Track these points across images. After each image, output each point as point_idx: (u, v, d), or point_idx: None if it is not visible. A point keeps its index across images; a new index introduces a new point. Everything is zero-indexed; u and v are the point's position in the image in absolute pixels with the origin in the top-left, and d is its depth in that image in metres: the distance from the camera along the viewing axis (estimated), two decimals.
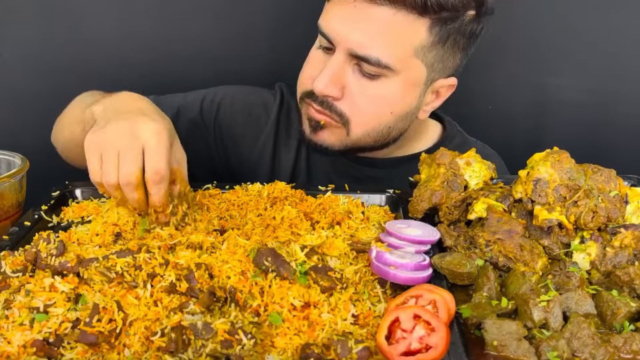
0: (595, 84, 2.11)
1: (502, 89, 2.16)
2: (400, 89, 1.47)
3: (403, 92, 1.49)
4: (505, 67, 2.13)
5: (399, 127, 1.57)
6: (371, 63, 1.41)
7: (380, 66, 1.41)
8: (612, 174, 1.25)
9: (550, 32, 2.08)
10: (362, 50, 1.40)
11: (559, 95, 2.15)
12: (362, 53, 1.40)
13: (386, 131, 1.55)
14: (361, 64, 1.43)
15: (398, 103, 1.50)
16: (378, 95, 1.47)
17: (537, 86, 2.15)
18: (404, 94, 1.49)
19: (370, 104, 1.48)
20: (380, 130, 1.54)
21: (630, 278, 1.09)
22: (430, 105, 1.60)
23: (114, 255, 1.11)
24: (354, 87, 1.46)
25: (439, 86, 1.56)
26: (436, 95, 1.59)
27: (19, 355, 0.94)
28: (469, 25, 1.45)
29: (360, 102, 1.47)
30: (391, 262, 1.11)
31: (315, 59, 1.52)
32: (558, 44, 2.08)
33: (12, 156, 1.56)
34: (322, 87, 1.44)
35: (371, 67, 1.42)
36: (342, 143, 1.56)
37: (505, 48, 2.11)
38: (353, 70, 1.46)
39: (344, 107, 1.49)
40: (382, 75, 1.44)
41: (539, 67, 2.12)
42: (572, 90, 2.12)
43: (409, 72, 1.45)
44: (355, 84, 1.46)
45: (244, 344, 0.94)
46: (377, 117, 1.51)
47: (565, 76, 2.12)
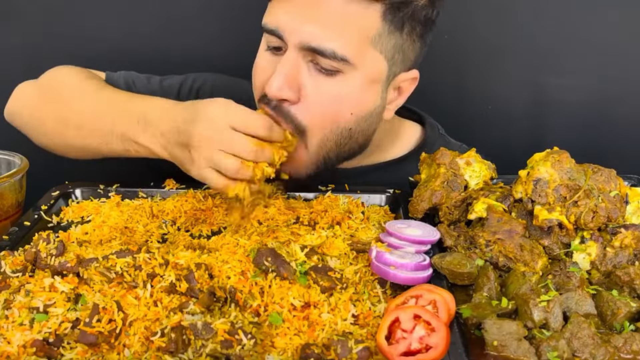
0: (595, 84, 2.11)
1: (502, 89, 2.16)
2: (359, 85, 1.36)
3: (363, 89, 1.38)
4: (505, 67, 2.13)
5: (361, 128, 1.44)
6: (326, 56, 1.30)
7: (336, 59, 1.31)
8: (612, 174, 1.25)
9: (550, 32, 2.07)
10: (315, 42, 1.30)
11: (559, 95, 2.14)
12: (316, 45, 1.30)
13: (347, 134, 1.42)
14: (317, 58, 1.32)
15: (358, 102, 1.39)
16: (336, 94, 1.35)
17: (537, 86, 2.15)
18: (364, 92, 1.38)
19: (329, 104, 1.36)
20: (340, 132, 1.40)
21: (631, 278, 1.09)
22: (394, 104, 1.49)
23: (113, 255, 1.11)
24: (310, 86, 1.34)
25: (400, 81, 1.45)
26: (398, 91, 1.48)
27: (19, 355, 0.94)
28: (423, 10, 1.37)
29: (317, 102, 1.35)
30: (391, 262, 1.11)
31: (264, 63, 1.40)
32: (558, 44, 2.08)
33: (12, 156, 1.56)
34: (276, 89, 1.32)
35: (327, 61, 1.31)
36: (307, 166, 1.43)
37: (504, 48, 2.11)
38: (308, 67, 1.34)
39: (299, 112, 1.35)
40: (339, 71, 1.33)
41: (539, 67, 2.12)
42: (572, 90, 2.12)
43: (368, 66, 1.35)
44: (312, 83, 1.34)
45: (244, 344, 0.94)
46: (336, 118, 1.38)
47: (565, 76, 2.12)
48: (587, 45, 2.07)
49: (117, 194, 1.48)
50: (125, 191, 1.49)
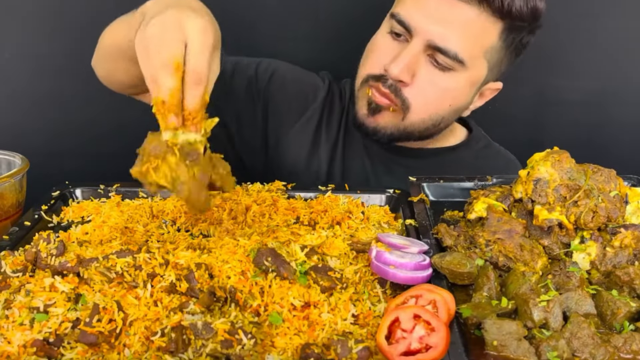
0: (595, 84, 2.11)
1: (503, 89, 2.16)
2: (464, 84, 1.58)
3: (465, 88, 1.60)
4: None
5: (449, 119, 1.67)
6: (448, 56, 1.50)
7: (455, 60, 1.51)
8: (612, 174, 1.25)
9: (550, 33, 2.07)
10: (442, 43, 1.49)
11: (559, 95, 2.15)
12: (443, 45, 1.49)
13: (438, 121, 1.64)
14: (436, 55, 1.52)
15: (458, 97, 1.61)
16: (445, 87, 1.56)
17: (537, 86, 2.15)
18: (465, 90, 1.60)
19: (436, 94, 1.57)
20: (434, 119, 1.62)
21: (630, 278, 1.09)
22: (474, 105, 1.71)
23: (114, 255, 1.10)
24: (424, 76, 1.54)
25: (486, 88, 1.67)
26: (480, 95, 1.69)
27: (19, 355, 0.94)
28: (527, 36, 1.60)
29: (427, 91, 1.56)
30: (391, 261, 1.11)
31: (384, 45, 1.59)
32: (558, 44, 2.08)
33: (12, 156, 1.56)
34: (398, 71, 1.51)
35: (446, 59, 1.51)
36: (394, 127, 1.63)
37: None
38: (425, 60, 1.54)
39: (410, 93, 1.56)
40: (452, 69, 1.53)
41: (539, 67, 2.12)
42: (572, 90, 2.13)
43: (474, 70, 1.56)
44: (426, 74, 1.54)
45: (244, 344, 0.94)
46: (437, 107, 1.60)
47: (565, 76, 2.12)
48: (588, 45, 2.07)
49: (117, 194, 1.48)
50: (125, 191, 1.49)
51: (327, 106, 1.83)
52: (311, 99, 1.83)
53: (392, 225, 1.39)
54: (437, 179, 1.51)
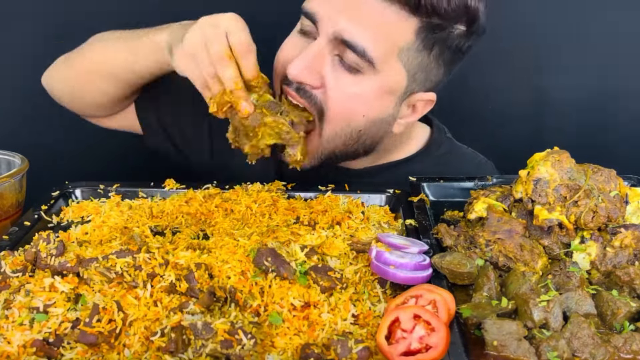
0: (595, 84, 2.12)
1: (502, 89, 2.17)
2: (376, 90, 1.40)
3: (379, 95, 1.41)
4: (505, 67, 2.14)
5: (370, 133, 1.48)
6: (356, 52, 1.34)
7: (364, 58, 1.34)
8: (612, 174, 1.25)
9: (550, 32, 2.08)
10: (349, 36, 1.33)
11: (559, 95, 2.15)
12: (349, 38, 1.33)
13: (356, 135, 1.46)
14: (344, 53, 1.36)
15: (372, 106, 1.42)
16: (353, 92, 1.39)
17: (537, 86, 2.16)
18: (379, 97, 1.42)
19: (345, 101, 1.40)
20: (350, 132, 1.45)
21: (630, 278, 1.09)
22: (405, 120, 1.52)
23: (113, 255, 1.10)
24: (331, 78, 1.38)
25: (416, 99, 1.49)
26: (412, 109, 1.52)
27: (19, 355, 0.94)
28: (457, 39, 1.40)
29: (335, 96, 1.39)
30: (391, 261, 1.11)
31: (292, 43, 1.45)
32: (558, 44, 2.09)
33: (12, 156, 1.56)
34: (297, 71, 1.36)
35: (354, 58, 1.35)
36: (314, 154, 1.47)
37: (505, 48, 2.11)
38: (332, 60, 1.38)
39: (322, 96, 1.40)
40: (361, 72, 1.37)
41: (539, 67, 2.12)
42: (572, 90, 2.13)
43: (389, 74, 1.39)
44: (333, 76, 1.38)
45: (244, 344, 0.94)
46: (349, 117, 1.42)
47: (565, 76, 2.12)
48: (587, 45, 2.07)
49: (117, 194, 1.48)
50: (125, 191, 1.49)
51: None
52: None
53: (392, 225, 1.39)
54: (437, 179, 1.51)
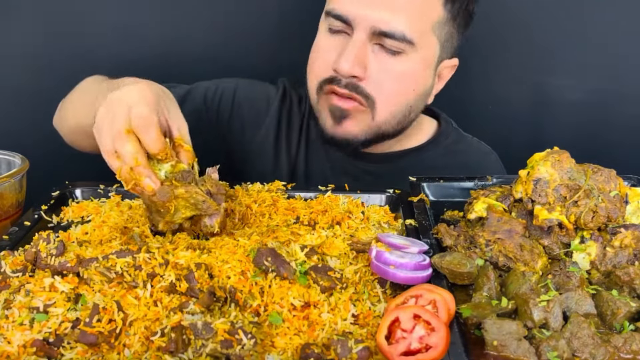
0: (595, 84, 2.11)
1: (502, 89, 2.16)
2: (420, 65, 1.50)
3: (422, 69, 1.52)
4: (505, 67, 2.13)
5: (417, 106, 1.59)
6: (396, 38, 1.43)
7: (404, 41, 1.43)
8: (612, 174, 1.25)
9: (550, 32, 2.08)
10: (387, 27, 1.42)
11: (559, 95, 2.15)
12: (388, 29, 1.42)
13: (407, 111, 1.56)
14: (383, 40, 1.44)
15: (419, 80, 1.53)
16: (401, 72, 1.49)
17: (537, 86, 2.15)
18: (423, 71, 1.52)
19: (394, 81, 1.49)
20: (403, 110, 1.55)
21: (630, 278, 1.09)
22: (435, 88, 1.63)
23: (113, 255, 1.10)
24: (376, 65, 1.46)
25: (443, 67, 1.59)
26: (438, 77, 1.61)
27: (19, 355, 0.94)
28: (471, 4, 1.54)
29: (384, 80, 1.48)
30: (391, 261, 1.11)
31: (328, 45, 1.51)
32: (558, 44, 2.08)
33: (12, 156, 1.56)
34: (349, 66, 1.44)
35: (395, 43, 1.43)
36: (368, 130, 1.55)
37: (505, 48, 2.11)
38: (373, 49, 1.46)
39: (369, 87, 1.48)
40: (402, 52, 1.46)
41: (539, 67, 2.12)
42: (572, 90, 2.12)
43: (426, 48, 1.49)
44: (378, 63, 1.46)
45: (244, 344, 0.94)
46: (401, 95, 1.52)
47: (565, 76, 2.12)
48: (587, 45, 2.07)
49: (117, 194, 1.48)
50: (125, 191, 1.49)
51: (285, 115, 1.77)
52: (264, 112, 1.77)
53: (392, 225, 1.39)
54: (437, 179, 1.51)
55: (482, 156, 1.81)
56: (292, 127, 1.77)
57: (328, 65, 1.49)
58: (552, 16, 2.06)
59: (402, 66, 1.48)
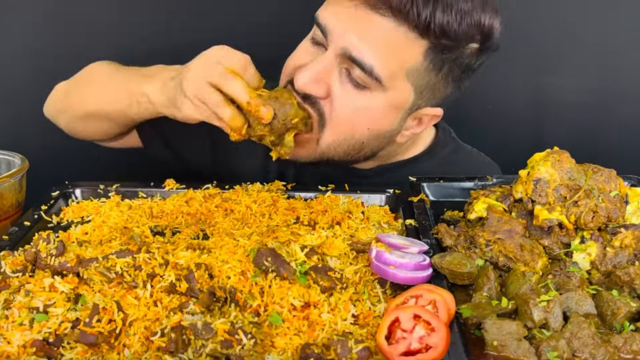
0: (595, 84, 2.11)
1: (502, 89, 2.16)
2: (383, 106, 1.40)
3: (385, 111, 1.42)
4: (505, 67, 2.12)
5: (372, 145, 1.49)
6: (364, 69, 1.34)
7: (371, 76, 1.34)
8: (612, 174, 1.25)
9: (549, 33, 2.08)
10: (357, 53, 1.33)
11: (559, 96, 2.15)
12: (357, 56, 1.33)
13: (358, 146, 1.47)
14: (351, 69, 1.36)
15: (377, 121, 1.43)
16: (360, 107, 1.39)
17: (537, 86, 2.15)
18: (385, 113, 1.42)
19: (350, 114, 1.40)
20: (353, 144, 1.46)
21: (631, 278, 1.09)
22: (411, 131, 1.53)
23: (113, 256, 1.10)
24: (337, 91, 1.38)
25: (422, 114, 1.49)
26: (418, 122, 1.52)
27: (19, 355, 0.94)
28: (468, 58, 1.40)
29: (341, 108, 1.39)
30: (391, 261, 1.11)
31: (304, 50, 1.45)
32: (558, 44, 2.08)
33: (12, 156, 1.56)
34: (304, 82, 1.37)
35: (362, 75, 1.35)
36: (310, 155, 1.49)
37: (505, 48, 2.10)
38: (340, 73, 1.38)
39: (327, 106, 1.40)
40: (368, 88, 1.37)
41: (539, 67, 2.12)
42: (572, 90, 2.12)
43: (395, 92, 1.39)
44: (340, 89, 1.38)
45: (244, 344, 0.94)
46: (353, 129, 1.43)
47: (565, 76, 2.12)
48: (587, 45, 2.07)
49: (117, 194, 1.48)
50: (125, 191, 1.49)
51: None
52: None
53: (392, 225, 1.39)
54: (437, 179, 1.51)
55: (482, 167, 1.74)
56: None
57: (294, 70, 1.43)
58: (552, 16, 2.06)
59: (362, 101, 1.39)
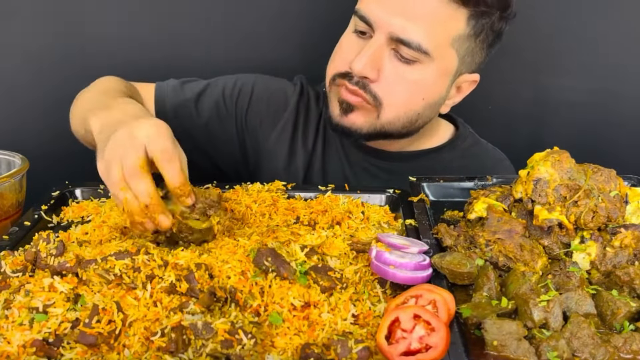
0: (595, 84, 2.11)
1: (502, 89, 2.16)
2: (433, 76, 1.52)
3: (435, 80, 1.54)
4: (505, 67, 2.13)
5: (426, 115, 1.61)
6: (411, 47, 1.46)
7: (419, 51, 1.46)
8: (612, 174, 1.25)
9: (550, 32, 2.07)
10: (404, 34, 1.45)
11: (559, 95, 2.14)
12: (404, 37, 1.45)
13: (415, 117, 1.59)
14: (400, 48, 1.47)
15: (430, 90, 1.55)
16: (413, 81, 1.52)
17: (537, 86, 2.15)
18: (436, 82, 1.55)
19: (405, 89, 1.53)
20: (410, 116, 1.57)
21: (630, 278, 1.09)
22: (452, 100, 1.65)
23: (112, 257, 1.10)
24: (390, 70, 1.50)
25: (462, 81, 1.61)
26: (458, 90, 1.64)
27: (19, 355, 0.94)
28: (499, 23, 1.54)
29: (395, 85, 1.52)
30: (391, 261, 1.11)
31: (350, 43, 1.56)
32: (558, 44, 2.08)
33: (12, 156, 1.56)
34: (361, 67, 1.48)
35: (410, 52, 1.47)
36: (370, 126, 1.58)
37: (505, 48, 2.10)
38: (390, 54, 1.50)
39: (379, 89, 1.52)
40: (418, 61, 1.49)
41: (539, 67, 2.12)
42: (572, 90, 2.12)
43: (443, 60, 1.51)
44: (392, 68, 1.50)
45: (244, 344, 0.94)
46: (409, 102, 1.55)
47: (565, 76, 2.12)
48: (587, 45, 2.07)
49: None
50: None
51: (302, 111, 1.81)
52: (282, 108, 1.81)
53: (392, 225, 1.39)
54: (437, 179, 1.51)
55: (497, 162, 1.84)
56: (310, 123, 1.81)
57: (345, 62, 1.54)
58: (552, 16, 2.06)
59: (415, 75, 1.51)
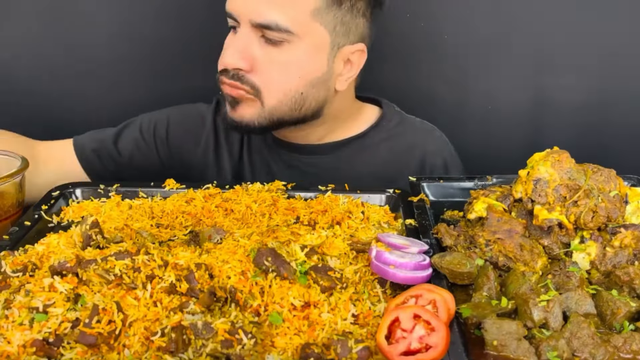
0: (595, 84, 2.11)
1: (502, 89, 2.16)
2: (305, 53, 1.55)
3: (308, 56, 1.56)
4: (505, 67, 2.13)
5: (312, 94, 1.61)
6: (272, 28, 1.50)
7: (280, 30, 1.50)
8: (612, 174, 1.25)
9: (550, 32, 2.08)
10: (262, 18, 1.49)
11: (559, 96, 2.14)
12: (263, 20, 1.49)
13: (299, 98, 1.59)
14: (265, 32, 1.51)
15: (306, 68, 1.57)
16: (284, 62, 1.55)
17: (537, 86, 2.15)
18: (309, 58, 1.56)
19: (278, 71, 1.55)
20: (292, 96, 1.58)
21: (630, 278, 1.09)
22: (345, 76, 1.64)
23: (112, 257, 1.10)
24: (262, 57, 1.54)
25: (348, 53, 1.61)
26: (347, 63, 1.63)
27: (19, 355, 0.94)
28: None
29: (268, 70, 1.55)
30: (391, 261, 1.11)
31: (227, 41, 1.60)
32: (558, 44, 2.08)
33: (12, 156, 1.56)
34: (230, 59, 1.54)
35: (274, 34, 1.51)
36: (259, 116, 1.60)
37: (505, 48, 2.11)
38: (259, 42, 1.54)
39: (255, 78, 1.55)
40: (285, 41, 1.52)
41: (539, 67, 2.12)
42: (572, 90, 2.12)
43: (311, 36, 1.54)
44: (263, 54, 1.54)
45: (244, 344, 0.94)
46: (286, 83, 1.57)
47: (565, 76, 2.12)
48: (587, 45, 2.07)
49: (117, 194, 1.48)
50: (125, 191, 1.49)
51: (220, 126, 1.84)
52: (200, 126, 1.85)
53: (392, 225, 1.39)
54: (437, 179, 1.51)
55: (426, 134, 1.84)
56: (231, 135, 1.85)
57: (222, 59, 1.59)
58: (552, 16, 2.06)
59: (285, 56, 1.54)
